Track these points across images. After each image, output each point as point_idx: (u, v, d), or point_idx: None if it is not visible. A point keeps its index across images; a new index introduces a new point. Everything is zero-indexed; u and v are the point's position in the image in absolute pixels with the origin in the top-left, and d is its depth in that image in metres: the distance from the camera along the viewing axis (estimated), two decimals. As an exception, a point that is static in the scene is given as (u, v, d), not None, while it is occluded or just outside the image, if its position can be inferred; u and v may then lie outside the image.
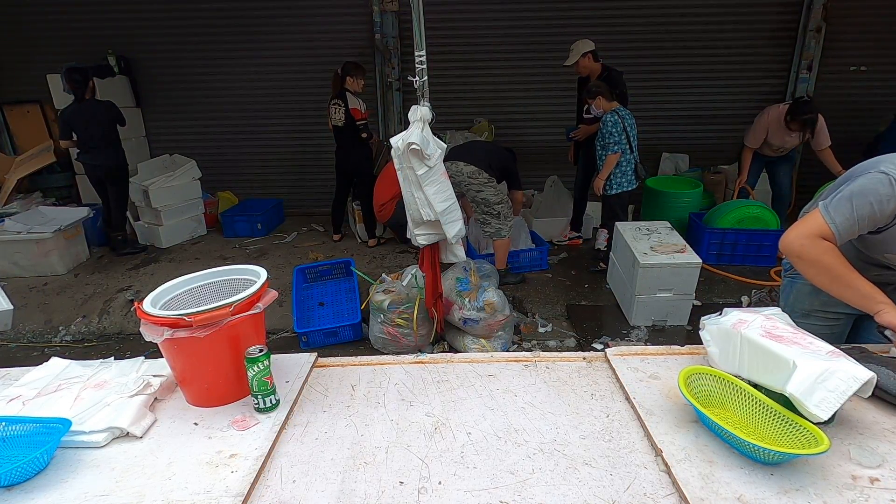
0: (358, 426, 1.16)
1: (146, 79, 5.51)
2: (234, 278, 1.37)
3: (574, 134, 4.46)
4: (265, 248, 4.91)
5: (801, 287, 1.66)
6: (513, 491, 0.97)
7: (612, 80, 4.10)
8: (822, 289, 1.41)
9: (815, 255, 1.35)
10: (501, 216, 3.71)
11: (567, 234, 4.82)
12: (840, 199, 1.33)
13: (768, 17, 5.18)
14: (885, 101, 5.18)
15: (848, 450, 1.03)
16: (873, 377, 1.02)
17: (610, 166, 3.86)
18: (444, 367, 1.38)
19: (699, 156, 5.47)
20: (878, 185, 1.27)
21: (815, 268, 1.37)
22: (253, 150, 5.81)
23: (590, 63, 4.17)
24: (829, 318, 1.62)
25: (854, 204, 1.30)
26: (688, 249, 3.41)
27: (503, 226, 3.74)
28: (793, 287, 1.71)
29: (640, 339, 3.32)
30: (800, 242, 1.36)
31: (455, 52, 5.31)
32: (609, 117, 3.80)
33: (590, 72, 4.22)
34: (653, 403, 1.19)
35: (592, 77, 4.20)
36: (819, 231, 1.34)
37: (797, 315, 1.64)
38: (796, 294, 1.70)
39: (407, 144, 2.50)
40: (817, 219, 1.35)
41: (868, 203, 1.28)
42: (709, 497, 0.92)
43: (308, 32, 5.33)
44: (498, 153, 3.84)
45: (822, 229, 1.33)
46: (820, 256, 1.34)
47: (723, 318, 1.25)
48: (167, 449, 1.09)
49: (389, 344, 3.19)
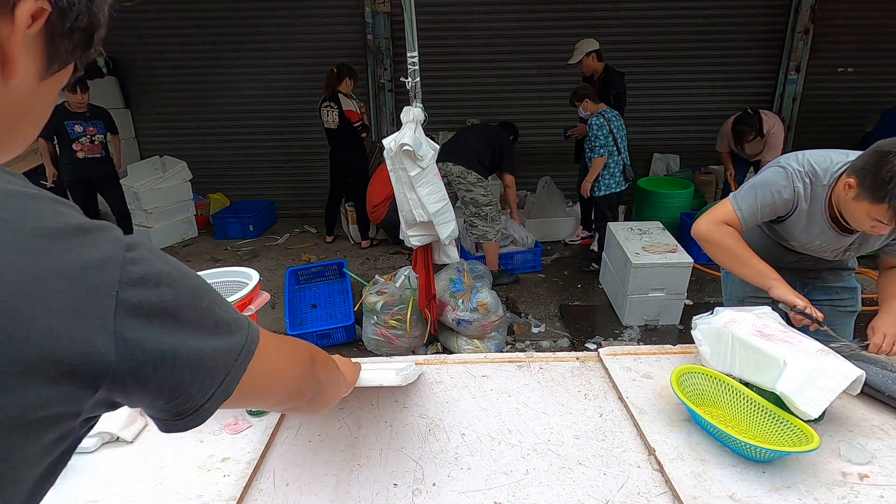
0: (351, 428, 1.16)
1: (135, 79, 5.46)
2: (225, 280, 1.36)
3: (571, 132, 4.49)
4: (257, 249, 4.88)
5: (734, 277, 1.80)
6: (507, 492, 0.97)
7: (610, 80, 4.14)
8: (725, 269, 1.63)
9: (718, 238, 1.51)
10: (489, 218, 3.70)
11: (580, 234, 4.85)
12: (746, 189, 1.51)
13: (757, 20, 5.24)
14: (871, 102, 5.26)
15: (838, 447, 1.04)
16: (862, 374, 1.03)
17: (597, 169, 3.88)
18: (438, 369, 1.38)
19: (690, 156, 5.52)
20: (777, 177, 1.45)
21: (718, 249, 1.53)
22: (244, 152, 5.77)
23: (593, 62, 4.20)
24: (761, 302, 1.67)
25: (757, 192, 1.47)
26: (679, 249, 3.43)
27: (489, 229, 3.73)
28: (728, 279, 1.89)
29: (633, 339, 3.33)
30: (706, 228, 1.53)
31: (447, 53, 5.32)
32: (594, 120, 3.82)
33: (592, 71, 4.25)
34: (645, 403, 1.19)
35: (595, 77, 4.24)
36: (726, 217, 1.51)
37: (732, 301, 1.83)
38: (731, 283, 1.86)
39: (399, 146, 2.49)
40: (727, 206, 1.52)
41: (769, 192, 1.45)
42: (701, 495, 0.93)
43: (300, 33, 5.31)
44: (490, 136, 3.80)
45: (729, 215, 1.51)
46: (722, 239, 1.51)
47: (714, 318, 1.26)
48: (158, 453, 1.08)
49: (383, 345, 3.18)
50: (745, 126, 3.98)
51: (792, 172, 1.42)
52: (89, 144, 4.01)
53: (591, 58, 4.18)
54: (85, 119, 3.99)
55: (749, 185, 1.52)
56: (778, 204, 1.45)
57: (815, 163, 1.41)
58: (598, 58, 4.19)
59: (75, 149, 3.96)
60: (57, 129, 3.88)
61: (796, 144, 5.56)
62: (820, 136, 5.40)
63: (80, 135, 3.97)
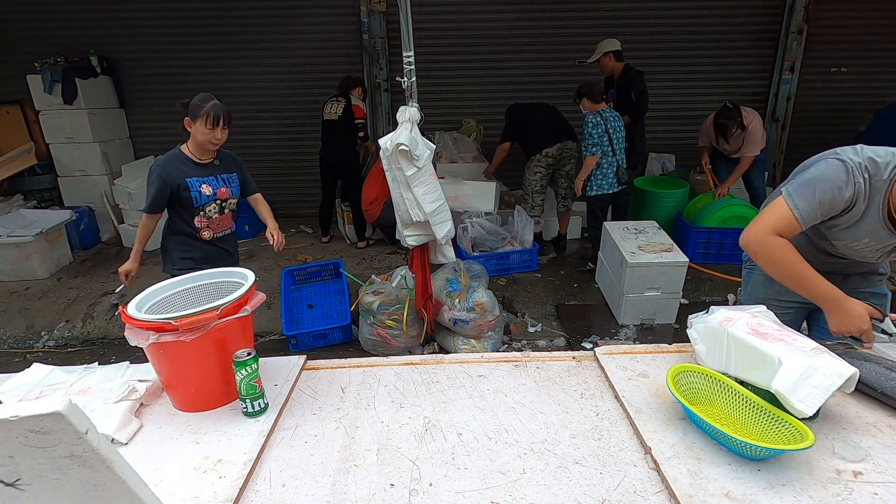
0: (348, 429, 1.16)
1: (130, 79, 5.43)
2: (221, 281, 1.36)
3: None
4: (253, 249, 4.87)
5: (756, 277, 1.74)
6: (504, 491, 0.97)
7: (629, 79, 4.17)
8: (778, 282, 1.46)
9: (768, 253, 1.38)
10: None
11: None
12: (801, 185, 1.35)
13: (751, 20, 5.26)
14: (865, 102, 5.30)
15: (832, 445, 1.04)
16: (856, 373, 1.03)
17: (588, 168, 3.89)
18: (435, 368, 1.37)
19: (685, 156, 5.54)
20: (835, 171, 1.30)
21: (770, 265, 1.41)
22: (240, 152, 5.64)
23: (610, 62, 4.25)
24: (782, 307, 1.67)
25: (816, 189, 1.31)
26: (675, 248, 3.44)
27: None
28: (750, 277, 1.79)
29: (629, 338, 3.34)
30: (756, 240, 1.40)
31: (443, 53, 5.31)
32: (591, 118, 3.82)
33: (611, 71, 4.29)
34: (642, 401, 1.20)
35: (614, 76, 4.28)
36: (781, 220, 1.35)
37: (752, 302, 1.71)
38: (753, 284, 1.77)
39: (395, 145, 2.49)
40: (781, 207, 1.36)
41: (829, 188, 1.30)
42: (697, 493, 0.93)
43: (295, 33, 5.30)
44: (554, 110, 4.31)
45: (784, 218, 1.35)
46: (772, 253, 1.38)
47: (710, 317, 1.27)
48: (153, 455, 1.08)
49: (379, 345, 3.17)
50: (727, 120, 4.05)
51: (852, 166, 1.28)
52: (218, 216, 2.45)
53: (609, 58, 4.23)
54: (214, 171, 2.45)
55: (804, 180, 1.35)
56: (838, 201, 1.30)
57: (877, 155, 1.29)
58: (616, 58, 4.24)
59: (198, 224, 2.39)
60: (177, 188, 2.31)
61: (790, 144, 5.59)
62: (814, 136, 5.44)
63: (209, 199, 2.39)
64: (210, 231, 2.43)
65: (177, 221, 2.40)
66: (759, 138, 4.14)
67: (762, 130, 4.19)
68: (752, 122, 4.08)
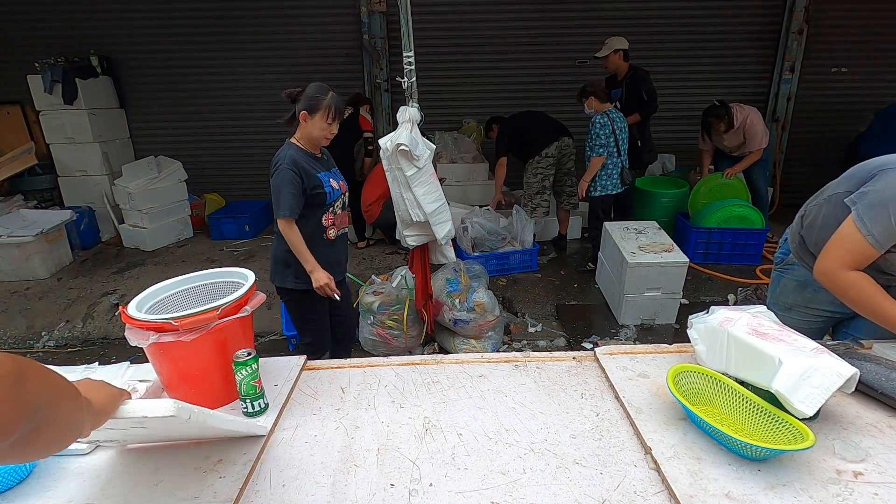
0: (348, 429, 1.16)
1: (130, 79, 5.43)
2: (221, 281, 1.35)
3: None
4: (253, 250, 4.87)
5: (787, 282, 1.68)
6: (504, 491, 0.97)
7: (639, 78, 4.18)
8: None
9: (845, 289, 1.32)
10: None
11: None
12: (873, 207, 1.23)
13: (751, 20, 5.27)
14: (865, 102, 5.29)
15: (832, 445, 1.04)
16: (856, 373, 1.03)
17: (594, 169, 3.89)
18: (435, 369, 1.37)
19: (685, 156, 5.54)
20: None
21: (847, 300, 1.33)
22: (240, 152, 5.76)
23: (618, 60, 4.27)
24: (810, 314, 1.64)
25: (890, 210, 1.20)
26: (675, 249, 3.44)
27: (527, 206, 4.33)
28: (780, 281, 1.72)
29: (629, 338, 3.34)
30: (830, 277, 1.32)
31: (443, 53, 5.32)
32: (598, 119, 3.82)
33: (616, 68, 4.31)
34: (642, 402, 1.19)
35: (619, 75, 4.28)
36: (856, 251, 1.26)
37: (780, 308, 1.67)
38: (782, 288, 1.71)
39: (396, 145, 2.49)
40: (853, 235, 1.25)
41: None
42: (697, 494, 0.93)
43: (295, 33, 5.30)
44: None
45: (858, 247, 1.25)
46: (848, 291, 1.31)
47: (710, 317, 1.26)
48: (153, 456, 1.07)
49: (379, 346, 3.17)
50: (713, 118, 4.09)
51: None
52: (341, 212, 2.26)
53: (618, 56, 4.25)
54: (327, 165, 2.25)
55: (874, 200, 1.23)
56: None
57: None
58: (623, 57, 4.26)
59: (326, 223, 2.19)
60: (312, 186, 2.11)
61: (791, 144, 5.59)
62: (814, 136, 5.44)
63: (339, 194, 2.21)
64: (335, 229, 2.23)
65: (299, 224, 2.12)
66: (760, 132, 4.13)
67: (763, 125, 4.18)
68: (749, 117, 4.08)
